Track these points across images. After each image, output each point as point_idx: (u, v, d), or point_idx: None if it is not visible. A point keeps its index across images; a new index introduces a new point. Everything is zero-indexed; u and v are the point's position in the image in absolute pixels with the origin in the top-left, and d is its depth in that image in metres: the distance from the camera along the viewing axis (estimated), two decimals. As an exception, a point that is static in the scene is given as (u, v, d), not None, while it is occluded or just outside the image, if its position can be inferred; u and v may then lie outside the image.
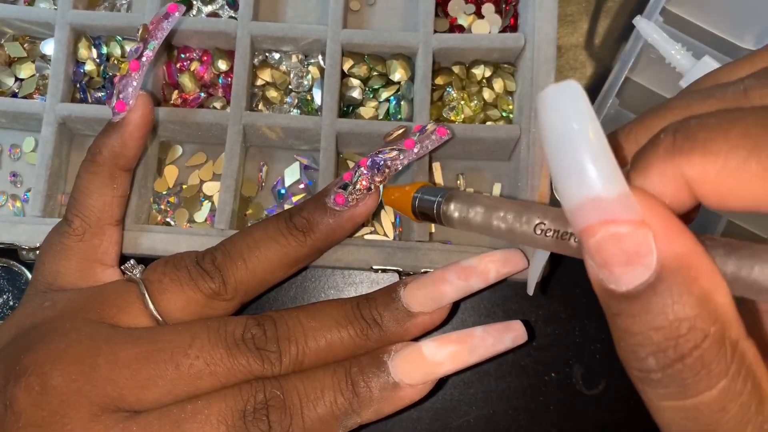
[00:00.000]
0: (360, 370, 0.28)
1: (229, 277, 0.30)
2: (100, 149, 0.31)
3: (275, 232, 0.30)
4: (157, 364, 0.27)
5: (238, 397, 0.27)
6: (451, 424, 0.38)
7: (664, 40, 0.34)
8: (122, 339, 0.27)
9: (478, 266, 0.29)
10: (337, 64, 0.38)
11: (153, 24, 0.31)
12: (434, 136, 0.32)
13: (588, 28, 0.42)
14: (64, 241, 0.31)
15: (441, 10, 0.41)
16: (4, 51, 0.40)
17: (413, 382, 0.28)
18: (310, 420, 0.27)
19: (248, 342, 0.28)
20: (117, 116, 0.31)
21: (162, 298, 0.29)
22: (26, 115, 0.38)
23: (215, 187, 0.39)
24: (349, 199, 0.31)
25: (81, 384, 0.26)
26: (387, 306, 0.29)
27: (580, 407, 0.38)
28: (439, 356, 0.28)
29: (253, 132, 0.38)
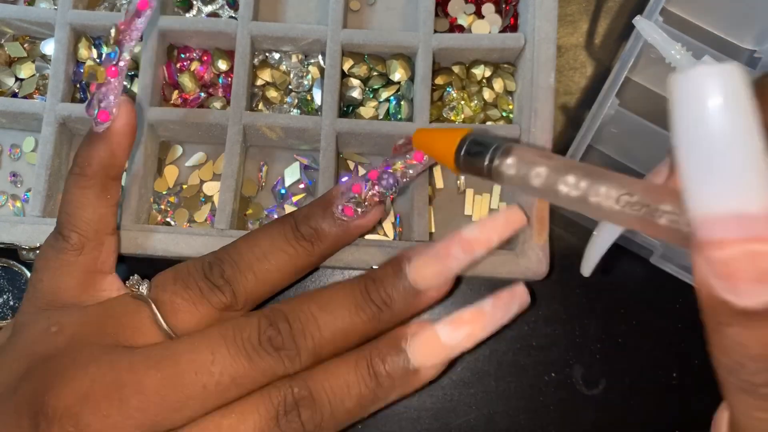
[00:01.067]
0: (381, 360, 0.28)
1: (239, 289, 0.30)
2: (90, 162, 0.30)
3: (283, 242, 0.30)
4: (185, 387, 0.27)
5: (269, 404, 0.27)
6: (451, 424, 0.38)
7: (664, 40, 0.34)
8: (143, 365, 0.27)
9: (481, 236, 0.29)
10: (337, 64, 0.38)
11: (125, 25, 0.30)
12: None
13: (588, 28, 0.42)
14: (62, 257, 0.30)
15: (441, 10, 0.41)
16: (4, 51, 0.40)
17: (432, 364, 0.29)
18: (339, 413, 0.28)
19: (266, 345, 0.28)
20: (101, 126, 0.30)
21: (175, 317, 0.29)
22: (26, 115, 0.38)
23: (215, 187, 0.39)
24: (358, 212, 0.31)
25: (114, 419, 0.26)
26: (395, 286, 0.29)
27: (579, 407, 0.38)
28: (455, 339, 0.29)
29: (253, 132, 0.38)
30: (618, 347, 0.38)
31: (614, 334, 0.39)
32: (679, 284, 0.35)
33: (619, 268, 0.39)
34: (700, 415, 0.38)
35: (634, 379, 0.38)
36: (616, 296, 0.39)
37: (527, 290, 0.30)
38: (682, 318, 0.39)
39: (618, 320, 0.39)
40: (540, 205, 0.35)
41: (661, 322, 0.39)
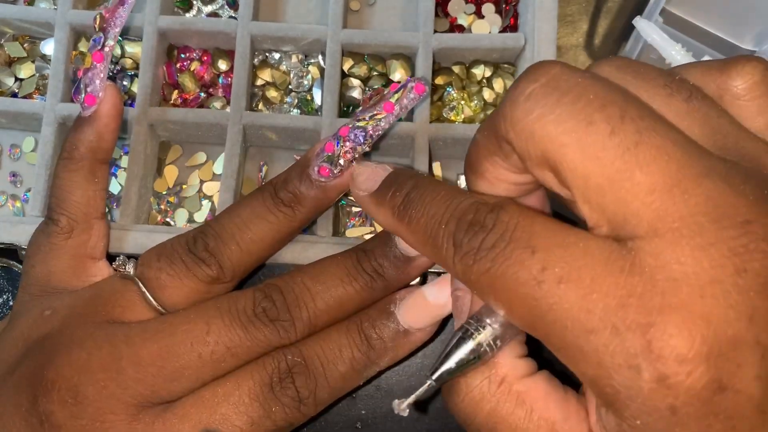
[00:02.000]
0: (371, 324, 0.29)
1: (225, 261, 0.30)
2: (77, 145, 0.31)
3: (264, 210, 0.31)
4: (180, 356, 0.27)
5: (263, 372, 0.28)
6: (451, 424, 0.38)
7: (664, 40, 0.34)
8: (140, 337, 0.28)
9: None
10: (337, 64, 0.38)
11: (109, 12, 0.31)
12: (412, 94, 0.31)
13: (588, 28, 0.42)
14: (52, 241, 0.31)
15: (441, 10, 0.41)
16: (4, 51, 0.40)
17: (421, 326, 0.30)
18: (333, 379, 0.29)
19: (261, 316, 0.28)
20: (88, 110, 0.31)
21: (163, 293, 0.30)
22: (26, 115, 0.38)
23: (215, 187, 0.39)
24: (334, 172, 0.31)
25: (112, 389, 0.27)
26: (386, 255, 0.30)
27: (580, 407, 0.38)
28: (442, 299, 0.29)
29: (253, 132, 0.38)
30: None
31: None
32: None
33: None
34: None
35: (634, 379, 0.38)
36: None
37: None
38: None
39: (618, 320, 0.39)
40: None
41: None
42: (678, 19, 0.42)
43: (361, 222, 0.39)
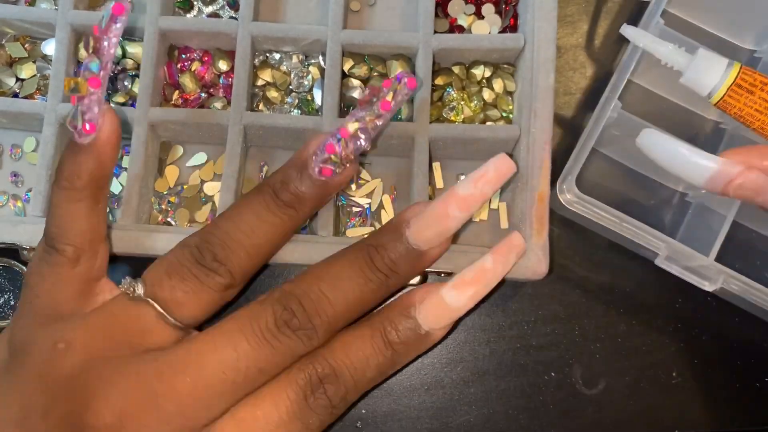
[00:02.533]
0: (394, 329, 0.30)
1: (235, 268, 0.30)
2: (79, 175, 0.29)
3: (268, 214, 0.31)
4: (215, 386, 0.28)
5: (297, 388, 0.29)
6: (451, 424, 0.38)
7: (655, 42, 0.34)
8: (170, 371, 0.28)
9: (475, 192, 0.30)
10: (338, 64, 0.38)
11: (102, 32, 0.29)
12: (405, 90, 0.30)
13: (588, 28, 0.42)
14: (59, 271, 0.30)
15: (441, 11, 0.41)
16: (5, 51, 0.40)
17: (441, 326, 0.31)
18: (362, 384, 0.30)
19: (284, 329, 0.29)
20: (86, 138, 0.29)
21: (181, 311, 0.29)
22: (27, 115, 0.38)
23: (216, 187, 0.39)
24: (336, 171, 0.31)
25: (155, 427, 0.27)
26: (398, 251, 0.30)
27: (579, 407, 0.38)
28: (460, 302, 0.30)
29: (254, 132, 0.38)
30: (618, 347, 0.39)
31: (614, 334, 0.39)
32: (679, 284, 0.35)
33: (621, 268, 0.39)
34: (700, 415, 0.38)
35: (634, 379, 0.38)
36: (616, 296, 0.39)
37: (521, 235, 0.31)
38: (682, 318, 0.39)
39: (618, 320, 0.39)
40: (539, 204, 0.35)
41: (661, 322, 0.39)
42: (678, 20, 0.42)
43: (362, 222, 0.39)
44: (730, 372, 0.39)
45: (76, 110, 0.29)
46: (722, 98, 0.33)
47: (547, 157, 0.36)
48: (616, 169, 0.40)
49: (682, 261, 0.35)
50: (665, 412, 0.38)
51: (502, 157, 0.30)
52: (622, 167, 0.40)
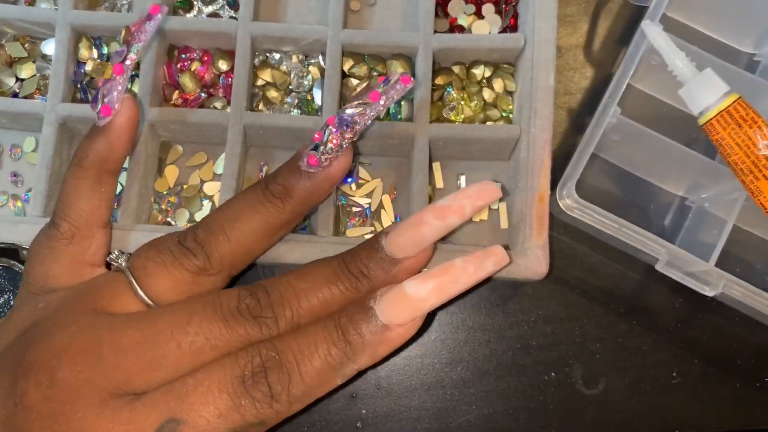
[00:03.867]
0: (349, 319, 0.28)
1: (212, 251, 0.30)
2: (87, 154, 0.31)
3: (254, 201, 0.31)
4: (159, 344, 0.27)
5: (236, 364, 0.27)
6: (451, 424, 0.38)
7: (669, 47, 0.34)
8: (123, 325, 0.28)
9: (453, 204, 0.29)
10: (338, 64, 0.38)
11: (135, 26, 0.31)
12: (399, 86, 0.31)
13: (588, 28, 0.42)
14: (52, 245, 0.31)
15: (441, 10, 0.41)
16: (4, 51, 0.40)
17: (401, 321, 0.28)
18: (308, 375, 0.28)
19: (243, 312, 0.28)
20: (102, 120, 0.31)
21: (149, 282, 0.30)
22: (27, 115, 0.38)
23: (216, 187, 0.39)
24: (322, 159, 0.30)
25: (88, 373, 0.27)
26: (371, 257, 0.30)
27: (579, 407, 0.38)
28: (422, 292, 0.28)
29: (254, 132, 0.38)
30: (618, 347, 0.38)
31: (614, 334, 0.39)
32: (679, 284, 0.35)
33: (621, 271, 0.39)
34: (700, 415, 0.38)
35: (634, 379, 0.38)
36: (617, 296, 0.39)
37: (503, 249, 0.30)
38: (682, 318, 0.39)
39: (618, 320, 0.39)
40: (539, 204, 0.35)
41: (661, 322, 0.39)
42: (677, 24, 0.42)
43: (362, 222, 0.39)
44: (730, 372, 0.39)
45: (98, 93, 0.31)
46: (709, 121, 0.33)
47: (547, 156, 0.36)
48: (615, 174, 0.40)
49: (683, 266, 0.35)
50: (665, 412, 0.38)
51: (489, 181, 0.30)
52: (622, 172, 0.40)
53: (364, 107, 0.30)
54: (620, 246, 0.38)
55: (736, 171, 0.33)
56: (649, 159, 0.39)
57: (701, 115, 0.34)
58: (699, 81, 0.34)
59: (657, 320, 0.39)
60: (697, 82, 0.34)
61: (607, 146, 0.39)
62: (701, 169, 0.36)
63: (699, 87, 0.34)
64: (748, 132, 0.33)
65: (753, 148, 0.33)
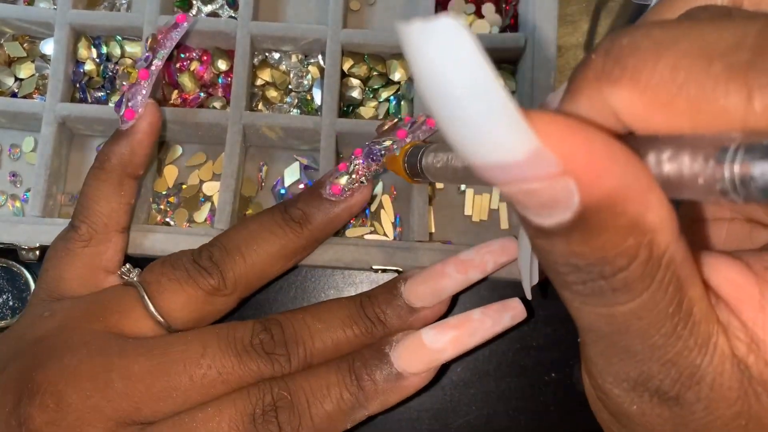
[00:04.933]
0: (363, 363, 0.28)
1: (227, 272, 0.30)
2: (109, 157, 0.31)
3: (272, 224, 0.31)
4: (171, 376, 0.27)
5: (247, 401, 0.27)
6: (451, 425, 0.38)
7: None
8: (134, 352, 0.27)
9: (476, 258, 0.30)
10: (337, 63, 0.38)
11: (162, 34, 0.32)
12: (425, 127, 0.32)
13: (588, 28, 0.42)
14: (69, 247, 0.31)
15: (441, 10, 0.41)
16: (3, 51, 0.40)
17: (416, 370, 0.28)
18: (318, 417, 0.27)
19: (257, 347, 0.28)
20: (126, 124, 0.31)
21: (161, 298, 0.29)
22: (26, 114, 0.38)
23: (215, 187, 0.39)
24: (345, 189, 0.31)
25: (96, 400, 0.26)
26: (389, 303, 0.30)
27: (580, 407, 0.38)
28: (439, 343, 0.28)
29: (253, 132, 0.38)
30: (618, 347, 0.38)
31: (614, 335, 0.39)
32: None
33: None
34: (700, 416, 0.38)
35: (634, 379, 0.38)
36: (617, 296, 0.39)
37: (521, 303, 0.30)
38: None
39: (618, 320, 0.39)
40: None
41: (661, 322, 0.39)
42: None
43: (361, 222, 0.39)
44: (730, 372, 0.38)
45: (122, 97, 0.31)
46: None
47: (547, 157, 0.36)
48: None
49: None
50: (666, 412, 0.38)
51: (511, 238, 0.31)
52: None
53: (391, 143, 0.31)
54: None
55: None
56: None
57: None
58: None
59: (657, 320, 0.39)
60: None
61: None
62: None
63: None
64: None
65: None
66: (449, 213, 0.39)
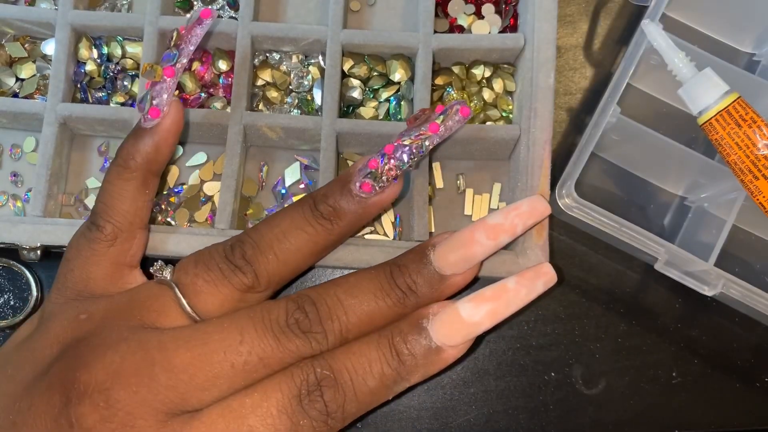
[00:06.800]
0: (402, 339, 0.28)
1: (261, 270, 0.30)
2: (134, 155, 0.31)
3: (302, 221, 0.30)
4: (213, 365, 0.27)
5: (292, 384, 0.28)
6: (451, 424, 0.38)
7: (669, 46, 0.34)
8: (173, 344, 0.28)
9: (505, 223, 0.30)
10: (338, 64, 0.38)
11: (187, 30, 0.31)
12: (457, 117, 0.30)
13: (588, 28, 0.42)
14: (95, 247, 0.31)
15: (441, 11, 0.41)
16: (4, 51, 0.40)
17: (455, 343, 0.29)
18: (362, 393, 0.28)
19: (293, 327, 0.28)
20: (150, 122, 0.31)
21: (198, 300, 0.29)
22: (27, 115, 0.38)
23: (216, 187, 0.39)
24: (376, 188, 0.30)
25: (144, 394, 0.27)
26: (420, 272, 0.30)
27: (579, 407, 0.38)
28: (477, 316, 0.29)
29: (254, 132, 0.38)
30: (618, 347, 0.39)
31: (614, 334, 0.39)
32: (679, 284, 0.35)
33: (621, 271, 0.39)
34: (700, 415, 0.38)
35: (634, 379, 0.38)
36: (616, 296, 0.39)
37: (552, 268, 0.30)
38: (682, 318, 0.39)
39: (617, 320, 0.39)
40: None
41: (660, 322, 0.39)
42: (677, 24, 0.42)
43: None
44: (730, 372, 0.39)
45: (147, 94, 0.31)
46: (709, 120, 0.33)
47: (547, 156, 0.36)
48: (615, 174, 0.40)
49: (682, 266, 0.35)
50: (665, 412, 0.38)
51: (538, 197, 0.30)
52: (622, 171, 0.40)
53: (423, 138, 0.30)
54: (620, 246, 0.38)
55: (735, 170, 0.33)
56: (649, 158, 0.39)
57: (701, 114, 0.34)
58: (698, 80, 0.34)
59: (656, 320, 0.39)
60: (696, 82, 0.34)
61: (607, 146, 0.39)
62: (700, 168, 0.36)
63: (698, 86, 0.34)
64: (747, 132, 0.33)
65: (752, 148, 0.33)
66: (449, 213, 0.39)
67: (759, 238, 0.40)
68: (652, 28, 0.35)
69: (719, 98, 0.33)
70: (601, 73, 0.42)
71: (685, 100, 0.34)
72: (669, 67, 0.34)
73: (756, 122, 0.33)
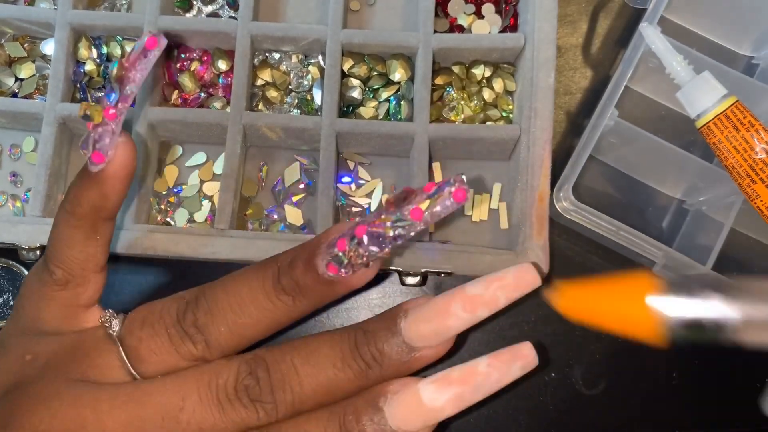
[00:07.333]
0: (356, 418, 0.26)
1: (212, 341, 0.27)
2: (80, 202, 0.28)
3: (261, 294, 0.27)
4: (147, 431, 0.26)
5: None
6: (451, 424, 0.38)
7: (667, 49, 0.34)
8: (108, 404, 0.26)
9: (485, 294, 0.26)
10: (337, 64, 0.38)
11: (129, 62, 0.27)
12: (449, 201, 0.25)
13: (588, 28, 0.42)
14: (45, 290, 0.29)
15: (441, 10, 0.41)
16: (4, 51, 0.40)
17: (412, 429, 0.26)
18: None
19: (242, 395, 0.26)
20: (95, 167, 0.27)
21: (142, 365, 0.27)
22: (26, 114, 0.38)
23: (215, 187, 0.39)
24: (342, 273, 0.27)
25: None
26: (387, 341, 0.27)
27: (579, 407, 0.38)
28: (439, 401, 0.26)
29: (253, 132, 0.38)
30: (618, 347, 0.38)
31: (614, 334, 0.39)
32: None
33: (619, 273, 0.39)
34: (699, 415, 0.38)
35: (634, 379, 0.38)
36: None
37: (533, 349, 0.27)
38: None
39: (618, 320, 0.39)
40: (539, 204, 0.35)
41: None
42: (675, 26, 0.42)
43: (361, 222, 0.38)
44: (730, 372, 0.39)
45: (89, 136, 0.27)
46: (707, 124, 0.33)
47: (547, 156, 0.36)
48: (613, 177, 0.40)
49: (680, 270, 0.35)
50: (665, 412, 0.38)
51: (527, 266, 0.26)
52: (619, 174, 0.40)
53: (400, 225, 0.25)
54: (617, 249, 0.38)
55: (733, 174, 0.33)
56: (647, 162, 0.39)
57: (699, 117, 0.34)
58: (696, 84, 0.34)
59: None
60: (694, 85, 0.34)
61: (605, 148, 0.39)
62: (699, 172, 0.36)
63: (696, 90, 0.34)
64: (746, 135, 0.33)
65: (750, 152, 0.33)
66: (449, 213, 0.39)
67: (757, 242, 0.40)
68: (650, 31, 0.35)
69: (717, 101, 0.33)
70: (600, 74, 0.42)
71: (683, 103, 0.34)
72: (667, 70, 0.34)
73: (754, 126, 0.33)
